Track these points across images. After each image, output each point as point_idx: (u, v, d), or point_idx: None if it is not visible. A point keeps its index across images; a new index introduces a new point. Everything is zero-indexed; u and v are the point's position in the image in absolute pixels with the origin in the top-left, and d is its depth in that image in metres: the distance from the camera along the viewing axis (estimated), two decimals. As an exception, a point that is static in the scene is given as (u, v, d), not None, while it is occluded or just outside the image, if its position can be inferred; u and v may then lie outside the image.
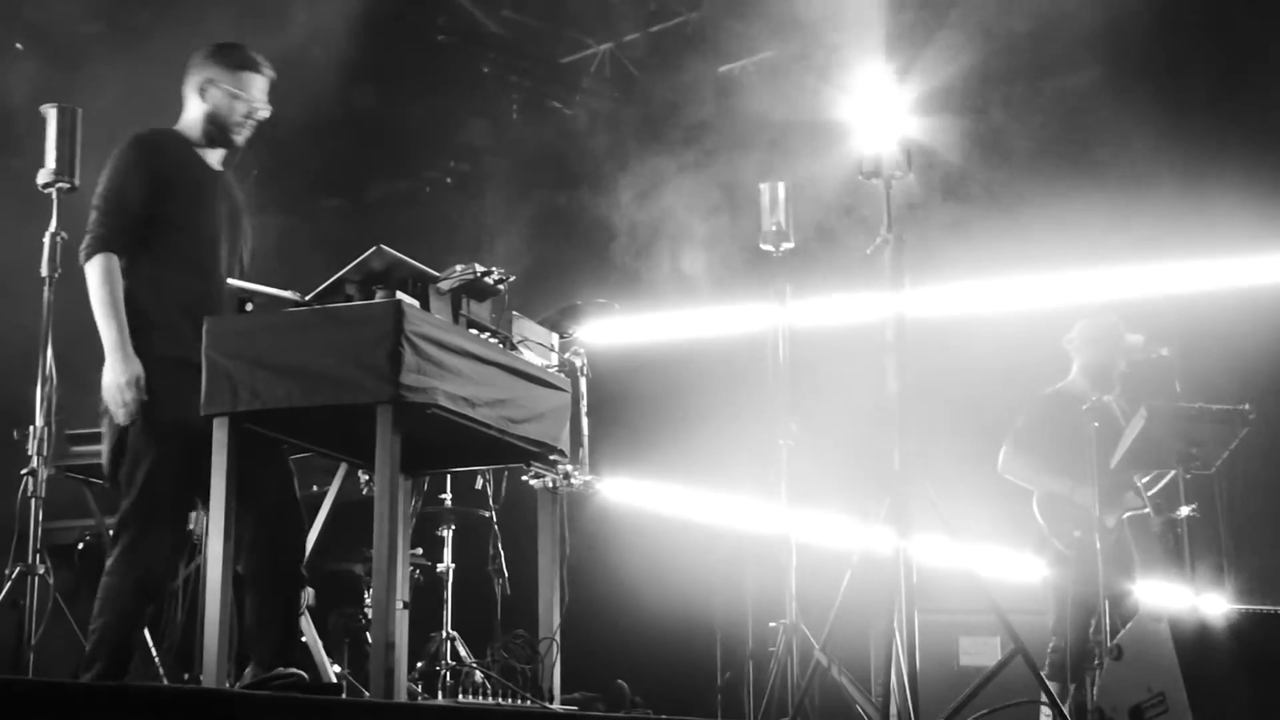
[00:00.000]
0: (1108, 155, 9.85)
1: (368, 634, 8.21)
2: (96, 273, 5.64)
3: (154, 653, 7.12)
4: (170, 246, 5.75)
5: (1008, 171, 10.16)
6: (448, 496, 8.88)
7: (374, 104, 10.71)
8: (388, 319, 5.08)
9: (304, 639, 6.93)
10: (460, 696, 6.33)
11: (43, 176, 6.56)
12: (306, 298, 5.29)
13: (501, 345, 5.70)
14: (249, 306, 5.31)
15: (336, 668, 7.56)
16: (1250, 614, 5.95)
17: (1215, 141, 9.63)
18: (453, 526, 8.92)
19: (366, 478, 6.66)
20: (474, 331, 5.58)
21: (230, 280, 5.35)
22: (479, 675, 7.51)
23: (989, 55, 9.25)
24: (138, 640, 5.82)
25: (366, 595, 8.62)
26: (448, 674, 8.21)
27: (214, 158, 5.99)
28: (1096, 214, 9.57)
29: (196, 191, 5.87)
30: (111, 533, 5.65)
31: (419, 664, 8.22)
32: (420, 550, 8.69)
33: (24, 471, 6.41)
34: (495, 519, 8.31)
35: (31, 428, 6.46)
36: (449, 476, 8.60)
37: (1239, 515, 8.18)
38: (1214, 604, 7.52)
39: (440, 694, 7.86)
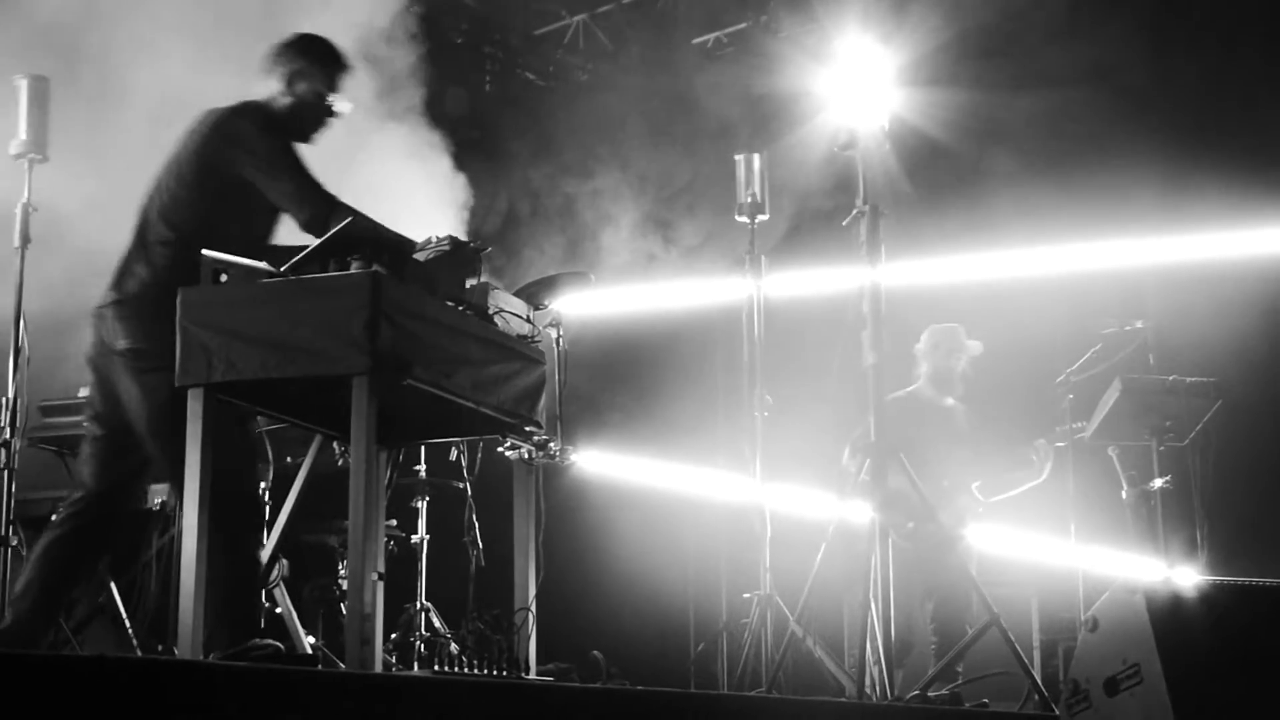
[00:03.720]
0: (1086, 133, 9.86)
1: (342, 605, 8.20)
2: None
3: (128, 624, 7.11)
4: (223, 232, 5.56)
5: (985, 146, 10.16)
6: (422, 468, 8.87)
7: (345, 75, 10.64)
8: (364, 290, 5.05)
9: (279, 610, 6.92)
10: (435, 667, 6.32)
11: (14, 148, 6.53)
12: (282, 269, 5.25)
13: (477, 317, 5.68)
14: (224, 278, 5.27)
15: (311, 639, 7.55)
16: (1224, 586, 5.96)
17: (1194, 120, 9.65)
18: (427, 498, 8.92)
19: (341, 449, 6.64)
20: (450, 303, 5.56)
21: (205, 251, 5.30)
22: (454, 646, 7.51)
23: (970, 28, 9.25)
24: None
25: (341, 566, 8.62)
26: (422, 645, 8.21)
27: None
28: (1075, 189, 9.59)
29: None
30: None
31: (393, 635, 8.23)
32: (395, 522, 8.68)
33: (-3, 442, 6.38)
34: (470, 491, 8.30)
35: (4, 399, 6.42)
36: (424, 448, 8.59)
37: (1212, 487, 8.21)
38: (1188, 575, 7.56)
39: (415, 665, 7.85)
